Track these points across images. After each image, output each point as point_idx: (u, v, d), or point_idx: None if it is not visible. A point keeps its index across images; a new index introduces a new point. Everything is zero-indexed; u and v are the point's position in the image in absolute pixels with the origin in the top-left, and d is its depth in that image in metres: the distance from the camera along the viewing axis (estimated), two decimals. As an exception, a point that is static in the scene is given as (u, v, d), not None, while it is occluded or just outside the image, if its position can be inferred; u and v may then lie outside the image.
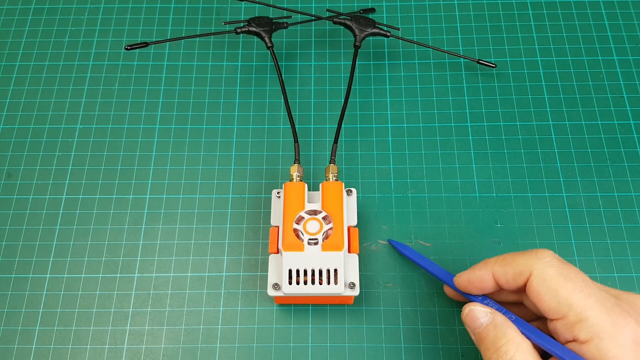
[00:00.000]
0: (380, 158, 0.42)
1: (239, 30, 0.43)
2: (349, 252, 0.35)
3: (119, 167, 0.42)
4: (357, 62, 0.45)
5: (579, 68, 0.45)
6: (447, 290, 0.36)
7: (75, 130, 0.43)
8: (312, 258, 0.34)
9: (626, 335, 0.26)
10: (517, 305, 0.33)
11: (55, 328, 0.36)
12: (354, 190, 0.37)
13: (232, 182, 0.41)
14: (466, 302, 0.32)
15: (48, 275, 0.38)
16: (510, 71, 0.45)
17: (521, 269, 0.29)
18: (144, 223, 0.40)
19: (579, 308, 0.27)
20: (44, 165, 0.42)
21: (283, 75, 0.44)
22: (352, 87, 0.44)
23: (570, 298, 0.27)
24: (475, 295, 0.32)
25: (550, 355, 0.29)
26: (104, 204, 0.40)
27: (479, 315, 0.30)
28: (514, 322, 0.29)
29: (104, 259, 0.38)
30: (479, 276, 0.31)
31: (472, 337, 0.30)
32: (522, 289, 0.30)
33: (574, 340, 0.27)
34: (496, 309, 0.31)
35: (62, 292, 0.37)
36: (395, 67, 0.46)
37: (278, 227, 0.36)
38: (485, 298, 0.32)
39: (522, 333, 0.29)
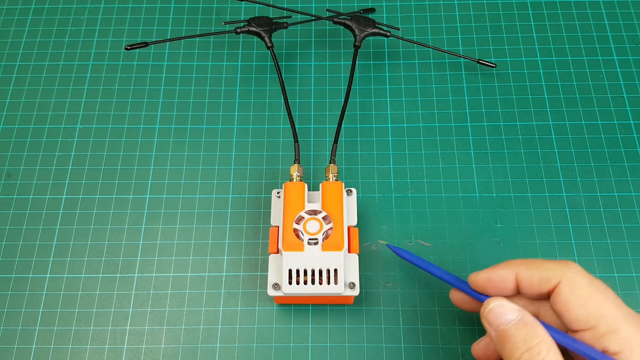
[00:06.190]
0: (380, 158, 0.42)
1: (239, 30, 0.43)
2: (349, 252, 0.35)
3: (119, 167, 0.42)
4: (357, 62, 0.45)
5: (579, 68, 0.45)
6: (455, 295, 0.33)
7: (75, 130, 0.43)
8: (312, 258, 0.34)
9: None
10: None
11: (55, 328, 0.36)
12: (354, 190, 0.37)
13: (232, 182, 0.41)
14: (471, 311, 0.31)
15: (48, 275, 0.38)
16: (510, 71, 0.45)
17: (550, 274, 0.28)
18: (144, 223, 0.40)
19: (611, 319, 0.26)
20: (44, 165, 0.42)
21: (283, 75, 0.44)
22: (352, 87, 0.44)
23: (601, 309, 0.27)
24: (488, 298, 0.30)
25: None
26: (104, 204, 0.40)
27: (506, 311, 0.27)
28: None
29: (104, 259, 0.38)
30: (501, 275, 0.29)
31: (492, 334, 0.28)
32: (543, 297, 0.29)
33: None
34: None
35: (62, 292, 0.37)
36: (395, 67, 0.46)
37: (278, 227, 0.36)
38: None
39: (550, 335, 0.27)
